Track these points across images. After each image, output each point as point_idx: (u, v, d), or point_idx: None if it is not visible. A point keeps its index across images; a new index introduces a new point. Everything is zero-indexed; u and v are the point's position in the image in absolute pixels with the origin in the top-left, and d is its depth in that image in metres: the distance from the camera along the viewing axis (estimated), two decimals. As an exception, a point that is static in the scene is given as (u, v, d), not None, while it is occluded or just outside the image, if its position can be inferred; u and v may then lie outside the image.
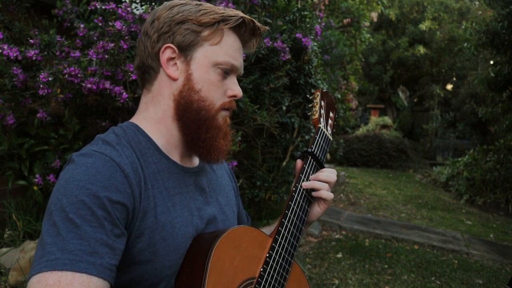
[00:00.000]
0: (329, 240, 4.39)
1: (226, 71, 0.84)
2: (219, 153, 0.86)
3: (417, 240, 4.43)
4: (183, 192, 0.84)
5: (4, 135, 2.46)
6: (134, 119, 0.87)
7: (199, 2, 0.85)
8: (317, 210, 0.99)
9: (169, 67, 0.82)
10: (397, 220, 5.40)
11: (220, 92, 0.84)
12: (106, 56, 2.22)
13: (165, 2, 0.86)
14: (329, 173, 0.97)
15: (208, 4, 0.84)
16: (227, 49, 0.83)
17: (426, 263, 3.85)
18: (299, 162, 0.99)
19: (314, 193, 0.95)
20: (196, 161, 0.93)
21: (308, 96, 1.16)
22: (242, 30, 0.85)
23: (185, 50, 0.82)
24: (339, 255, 3.90)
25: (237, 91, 0.87)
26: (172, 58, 0.82)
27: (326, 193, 0.94)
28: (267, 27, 0.91)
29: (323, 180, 0.95)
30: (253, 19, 0.85)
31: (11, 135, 2.46)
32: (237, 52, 0.85)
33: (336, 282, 3.28)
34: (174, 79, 0.83)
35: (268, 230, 1.11)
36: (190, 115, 0.82)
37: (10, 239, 2.52)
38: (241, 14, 0.84)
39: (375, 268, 3.64)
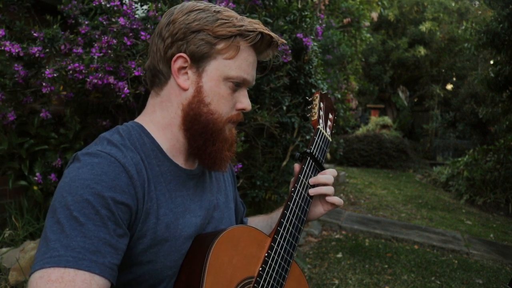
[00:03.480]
0: (329, 240, 4.40)
1: (237, 84, 0.83)
2: (223, 164, 0.86)
3: (417, 240, 4.43)
4: (184, 195, 0.85)
5: (4, 134, 2.46)
6: (140, 120, 0.87)
7: (218, 9, 0.82)
8: (320, 210, 1.01)
9: (180, 76, 0.81)
10: (397, 220, 5.40)
11: (229, 105, 0.84)
12: (109, 52, 2.22)
13: (183, 3, 0.84)
14: (327, 175, 0.98)
15: (227, 12, 0.82)
16: (241, 63, 0.81)
17: (426, 263, 3.85)
18: (297, 166, 0.99)
19: (327, 198, 0.98)
20: (197, 162, 0.93)
21: (307, 97, 1.17)
22: (259, 44, 0.83)
23: (197, 61, 0.80)
24: (339, 255, 3.90)
25: (246, 104, 0.86)
26: (183, 67, 0.81)
27: (338, 199, 0.98)
28: (284, 41, 0.89)
29: (323, 182, 0.97)
30: (270, 33, 0.83)
31: (11, 135, 2.47)
32: (250, 67, 0.84)
33: (336, 282, 3.28)
34: (184, 89, 0.82)
35: (265, 218, 1.12)
36: (197, 127, 0.82)
37: (10, 239, 2.52)
38: (259, 28, 0.81)
39: (375, 268, 3.64)
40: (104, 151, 0.73)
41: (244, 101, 0.86)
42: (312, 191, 0.96)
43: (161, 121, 0.84)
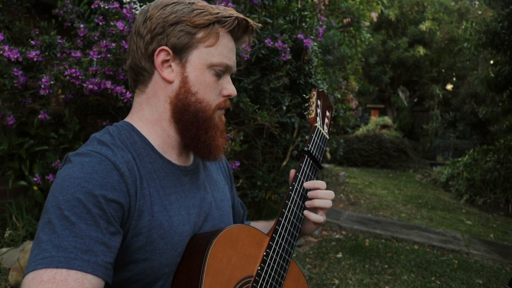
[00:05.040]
0: (329, 240, 4.39)
1: (221, 72, 0.84)
2: (219, 151, 0.87)
3: (417, 240, 4.43)
4: (179, 191, 0.85)
5: (4, 135, 2.46)
6: (129, 119, 0.87)
7: (192, 0, 0.83)
8: (310, 225, 0.98)
9: (164, 70, 0.82)
10: (397, 220, 5.40)
11: (215, 92, 0.85)
12: (109, 55, 2.22)
13: (156, 0, 0.84)
14: (327, 193, 0.95)
15: (201, 3, 0.83)
16: (222, 50, 0.83)
17: (426, 263, 3.85)
18: (293, 172, 0.98)
19: (305, 212, 0.93)
20: (191, 159, 0.93)
21: (304, 95, 1.16)
22: (236, 30, 0.85)
23: (179, 52, 0.81)
24: (339, 255, 3.90)
25: (231, 90, 0.87)
26: (166, 61, 0.82)
27: (316, 217, 0.93)
28: (259, 24, 0.90)
29: (322, 198, 0.94)
30: (246, 18, 0.85)
31: (11, 135, 2.47)
32: (231, 52, 0.85)
33: (336, 282, 3.28)
34: (170, 82, 0.82)
35: (265, 225, 1.11)
36: (187, 117, 0.82)
37: (10, 239, 2.52)
38: (235, 14, 0.83)
39: (375, 268, 3.64)
40: (94, 150, 0.74)
41: (229, 87, 0.87)
42: (308, 203, 0.94)
43: (150, 117, 0.85)
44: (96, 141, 0.77)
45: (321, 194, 0.93)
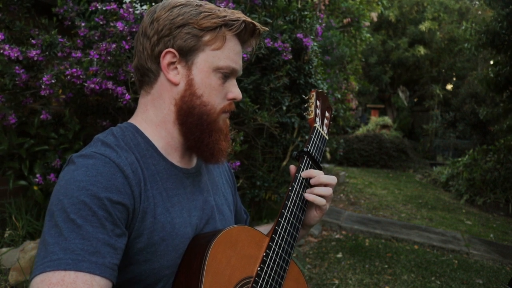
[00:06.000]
0: (329, 240, 4.40)
1: (227, 75, 0.84)
2: (222, 155, 0.87)
3: (417, 240, 4.43)
4: (181, 194, 0.84)
5: (4, 135, 2.46)
6: (133, 120, 0.87)
7: (199, 2, 0.83)
8: (314, 214, 0.98)
9: (170, 72, 0.82)
10: (397, 220, 5.40)
11: (220, 96, 0.84)
12: (109, 58, 2.22)
13: (164, 1, 0.84)
14: (329, 176, 0.95)
15: (208, 5, 0.83)
16: (228, 53, 0.82)
17: (426, 263, 3.85)
18: (293, 167, 0.98)
19: (306, 195, 0.93)
20: (194, 161, 0.93)
21: (304, 96, 1.16)
22: (243, 33, 0.84)
23: (186, 54, 0.81)
24: (339, 255, 3.90)
25: (237, 93, 0.87)
26: (172, 63, 0.81)
27: (319, 199, 0.93)
28: (266, 28, 0.90)
29: (324, 182, 0.93)
30: (253, 21, 0.84)
31: (11, 135, 2.47)
32: (237, 56, 0.85)
33: (336, 282, 3.28)
34: (175, 84, 0.82)
35: (266, 228, 1.12)
36: (192, 120, 0.82)
37: (10, 239, 2.53)
38: (242, 17, 0.82)
39: (375, 268, 3.64)
40: (98, 152, 0.73)
41: (234, 91, 0.86)
42: (308, 191, 0.94)
43: (154, 119, 0.85)
44: (100, 143, 0.77)
45: (323, 179, 0.93)
